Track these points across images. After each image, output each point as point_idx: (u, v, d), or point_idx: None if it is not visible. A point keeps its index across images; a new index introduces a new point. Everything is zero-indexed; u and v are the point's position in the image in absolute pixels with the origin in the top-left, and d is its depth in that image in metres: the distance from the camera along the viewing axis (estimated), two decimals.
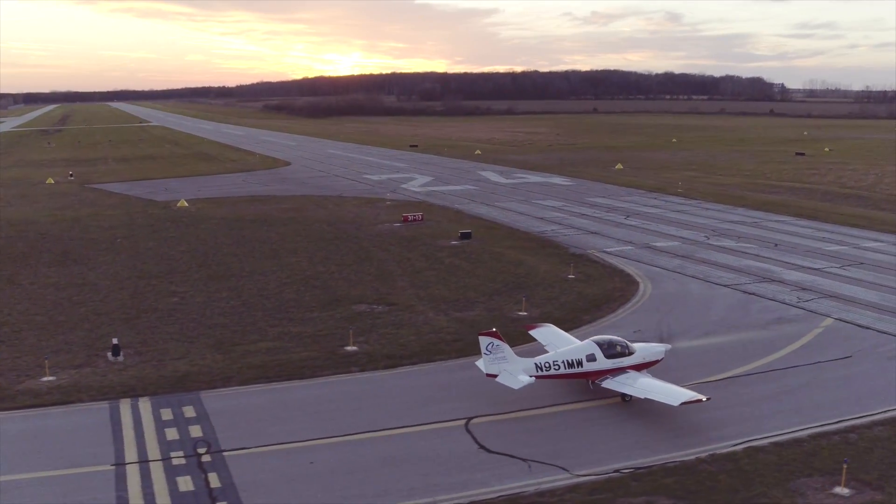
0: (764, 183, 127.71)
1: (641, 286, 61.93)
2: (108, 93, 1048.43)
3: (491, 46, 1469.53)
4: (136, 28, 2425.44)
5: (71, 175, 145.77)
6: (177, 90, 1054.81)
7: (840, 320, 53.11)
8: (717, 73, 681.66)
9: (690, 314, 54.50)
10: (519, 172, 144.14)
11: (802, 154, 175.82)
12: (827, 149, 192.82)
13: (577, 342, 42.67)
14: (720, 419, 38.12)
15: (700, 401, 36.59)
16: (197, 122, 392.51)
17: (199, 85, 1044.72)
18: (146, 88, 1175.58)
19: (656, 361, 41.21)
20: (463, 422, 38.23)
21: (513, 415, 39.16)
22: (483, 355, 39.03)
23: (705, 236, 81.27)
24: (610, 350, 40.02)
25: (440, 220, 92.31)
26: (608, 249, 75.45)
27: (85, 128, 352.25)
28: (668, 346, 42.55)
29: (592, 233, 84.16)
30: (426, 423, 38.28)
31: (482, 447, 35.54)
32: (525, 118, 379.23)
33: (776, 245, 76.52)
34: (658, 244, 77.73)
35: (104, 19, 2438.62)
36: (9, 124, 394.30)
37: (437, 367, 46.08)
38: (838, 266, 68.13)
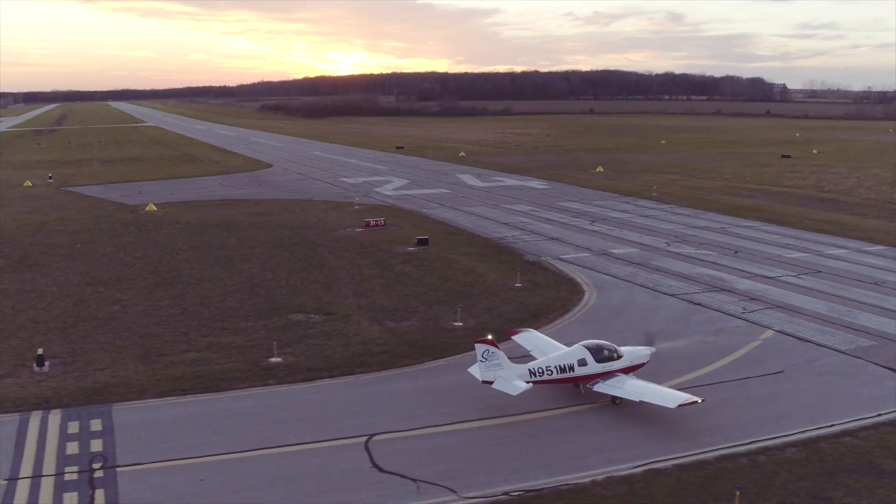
0: (742, 186, 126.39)
1: (586, 296, 60.72)
2: (109, 92, 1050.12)
3: (492, 46, 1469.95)
4: (138, 27, 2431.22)
5: (50, 177, 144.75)
6: (178, 90, 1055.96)
7: (781, 332, 51.84)
8: (719, 74, 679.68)
9: (628, 325, 53.33)
10: (497, 175, 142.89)
11: (788, 157, 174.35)
12: (815, 151, 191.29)
13: (562, 346, 43.09)
14: (629, 438, 37.05)
15: (696, 402, 37.06)
16: (192, 122, 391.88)
17: (201, 84, 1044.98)
18: (147, 88, 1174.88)
19: (642, 364, 41.81)
20: (364, 439, 37.15)
21: (418, 432, 38.06)
22: (479, 363, 39.04)
23: (666, 243, 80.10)
24: (599, 354, 40.44)
25: (404, 225, 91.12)
26: (564, 256, 74.25)
27: (79, 128, 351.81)
28: (654, 349, 43.18)
29: (553, 239, 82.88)
30: (327, 439, 37.33)
31: (375, 466, 34.56)
32: (520, 119, 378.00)
33: (736, 252, 74.99)
34: (616, 251, 76.50)
35: (106, 18, 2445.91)
36: (6, 124, 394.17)
37: (355, 380, 45.12)
38: (794, 274, 66.61)
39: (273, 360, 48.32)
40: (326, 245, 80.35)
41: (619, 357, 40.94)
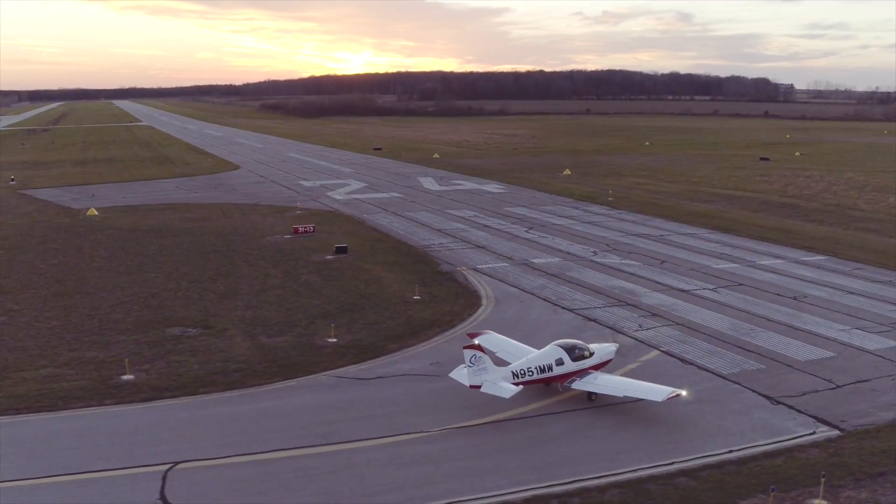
0: (706, 190, 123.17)
1: (480, 310, 58.04)
2: (116, 90, 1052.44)
3: (501, 46, 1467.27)
4: (148, 25, 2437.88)
5: (12, 179, 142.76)
6: (185, 88, 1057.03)
7: (667, 353, 48.73)
8: (727, 74, 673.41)
9: (520, 340, 49.98)
10: (458, 179, 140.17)
11: (767, 159, 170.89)
12: (797, 153, 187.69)
13: (525, 347, 44.56)
14: (444, 474, 34.39)
15: (680, 394, 38.65)
16: (187, 121, 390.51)
17: (209, 83, 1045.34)
18: (155, 86, 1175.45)
19: (609, 361, 43.12)
20: (167, 467, 34.81)
21: (226, 461, 35.68)
22: (466, 367, 39.09)
23: (594, 251, 76.96)
24: (574, 353, 41.44)
25: (335, 231, 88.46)
26: (480, 266, 71.38)
27: (72, 128, 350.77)
28: (618, 345, 45.10)
29: (480, 247, 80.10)
30: (130, 466, 35.01)
31: (162, 498, 32.28)
32: (514, 119, 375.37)
33: (662, 263, 71.89)
34: (538, 260, 73.58)
35: (116, 16, 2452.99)
36: (3, 123, 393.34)
37: (193, 401, 42.77)
38: (713, 287, 63.52)
39: (125, 377, 46.06)
40: (246, 252, 77.78)
41: (591, 355, 42.00)
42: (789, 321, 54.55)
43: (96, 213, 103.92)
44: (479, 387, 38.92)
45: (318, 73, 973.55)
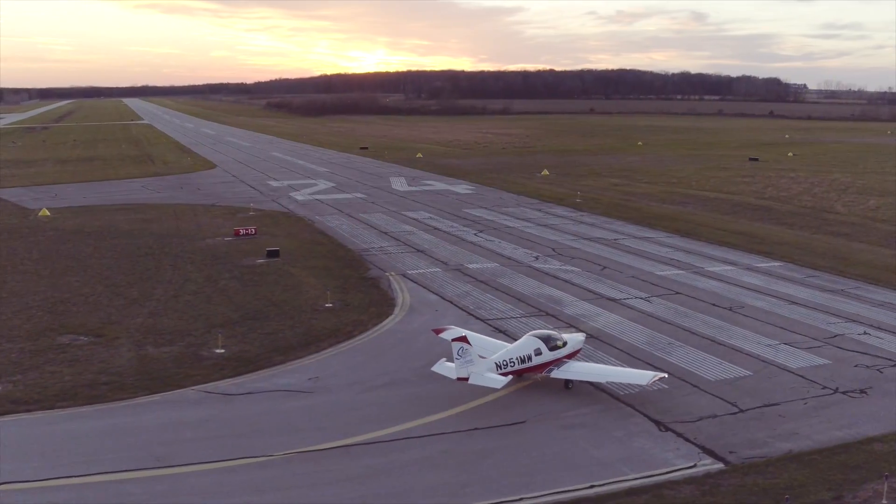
0: (681, 192, 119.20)
1: (389, 319, 54.90)
2: (128, 89, 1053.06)
3: (514, 45, 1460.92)
4: (161, 24, 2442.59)
5: None
6: (197, 86, 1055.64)
7: None
8: (739, 74, 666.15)
9: (399, 357, 47.45)
10: (429, 179, 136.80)
11: (756, 160, 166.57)
12: (790, 154, 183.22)
13: (490, 339, 46.10)
14: None
15: (663, 376, 40.90)
16: (188, 119, 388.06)
17: (222, 81, 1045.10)
18: (167, 84, 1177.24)
19: (579, 350, 44.00)
20: None
21: (45, 483, 32.80)
22: (455, 360, 38.96)
23: (535, 256, 73.10)
24: (550, 343, 42.03)
25: (278, 234, 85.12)
26: (411, 272, 67.95)
27: (73, 125, 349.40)
28: (585, 335, 46.63)
29: (420, 251, 76.65)
30: None
31: None
32: (514, 118, 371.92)
33: (603, 269, 68.04)
34: (473, 266, 70.03)
35: (129, 14, 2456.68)
36: (6, 121, 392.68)
37: (47, 416, 39.66)
38: (646, 297, 59.72)
39: None
40: (179, 255, 74.89)
41: (565, 344, 42.60)
42: (714, 334, 50.71)
43: (48, 213, 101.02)
44: (467, 378, 38.75)
45: (331, 71, 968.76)
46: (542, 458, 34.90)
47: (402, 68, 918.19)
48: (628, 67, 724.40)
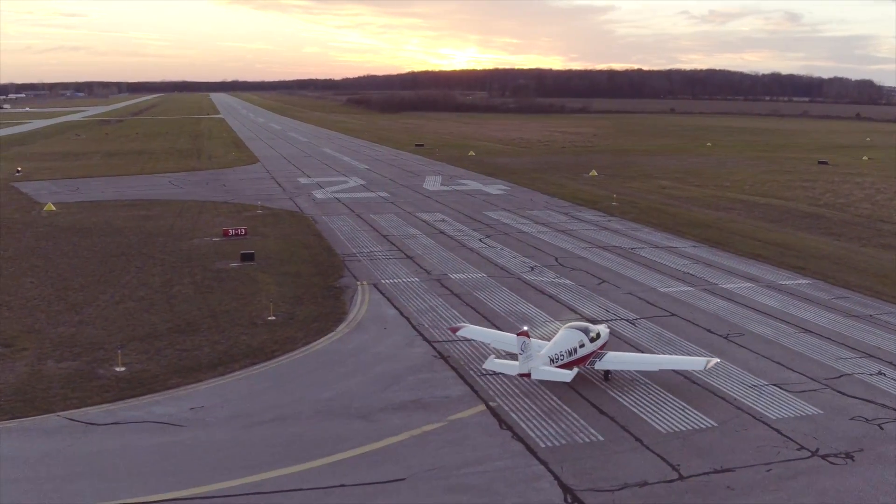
0: (730, 196, 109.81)
1: (324, 338, 48.29)
2: (219, 83, 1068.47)
3: (606, 44, 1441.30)
4: (254, 20, 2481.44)
5: (18, 171, 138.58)
6: (286, 82, 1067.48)
7: (493, 410, 38.04)
8: (834, 75, 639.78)
9: (308, 386, 40.86)
10: (467, 178, 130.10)
11: (825, 162, 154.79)
12: (865, 158, 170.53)
13: (501, 332, 45.31)
14: None
15: (717, 361, 40.91)
16: (262, 114, 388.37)
17: (313, 77, 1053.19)
18: (257, 80, 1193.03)
19: (607, 342, 42.66)
20: None
21: None
22: (519, 356, 37.48)
23: (531, 267, 65.50)
24: (589, 334, 40.87)
25: (271, 235, 79.35)
26: (387, 280, 61.68)
27: (147, 119, 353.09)
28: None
29: (409, 257, 69.80)
30: None
31: None
32: (589, 117, 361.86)
33: (600, 284, 60.38)
34: (457, 276, 63.04)
35: (223, 10, 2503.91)
36: (87, 113, 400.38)
37: None
38: (633, 318, 51.98)
39: None
40: (152, 257, 70.34)
41: (599, 336, 41.60)
42: (690, 371, 41.97)
43: (53, 208, 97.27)
44: (529, 375, 37.25)
45: (423, 68, 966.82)
46: None
47: (491, 66, 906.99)
48: (721, 68, 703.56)
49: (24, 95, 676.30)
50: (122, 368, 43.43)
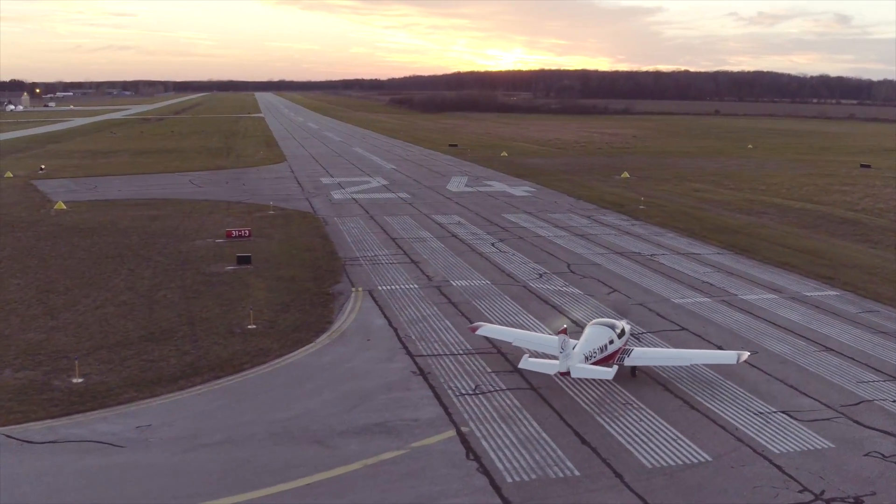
0: (765, 200, 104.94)
1: (300, 350, 45.27)
2: (265, 83, 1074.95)
3: (654, 45, 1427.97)
4: (302, 20, 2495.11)
5: (42, 168, 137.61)
6: (332, 82, 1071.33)
7: (463, 438, 34.51)
8: (884, 78, 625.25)
9: (268, 404, 37.70)
10: (493, 179, 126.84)
11: (868, 166, 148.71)
12: None
13: (523, 331, 45.40)
14: None
15: (749, 354, 40.63)
16: (303, 113, 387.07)
17: (359, 77, 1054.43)
18: (303, 80, 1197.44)
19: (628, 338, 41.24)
20: None
21: None
22: (560, 354, 36.84)
23: (540, 274, 61.56)
24: (616, 330, 40.16)
25: (276, 237, 76.62)
26: (384, 287, 58.87)
27: (188, 117, 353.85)
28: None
29: (414, 262, 66.51)
30: None
31: None
32: (631, 118, 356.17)
33: (609, 293, 56.34)
34: (459, 283, 59.71)
35: (270, 10, 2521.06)
36: (130, 112, 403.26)
37: None
38: (640, 332, 47.56)
39: None
40: (148, 259, 68.40)
41: (624, 332, 40.85)
42: (694, 392, 38.05)
43: (64, 207, 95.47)
44: (568, 373, 36.90)
45: (471, 69, 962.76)
46: None
47: (538, 67, 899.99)
48: (769, 70, 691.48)
49: (70, 94, 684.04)
50: (80, 380, 40.56)
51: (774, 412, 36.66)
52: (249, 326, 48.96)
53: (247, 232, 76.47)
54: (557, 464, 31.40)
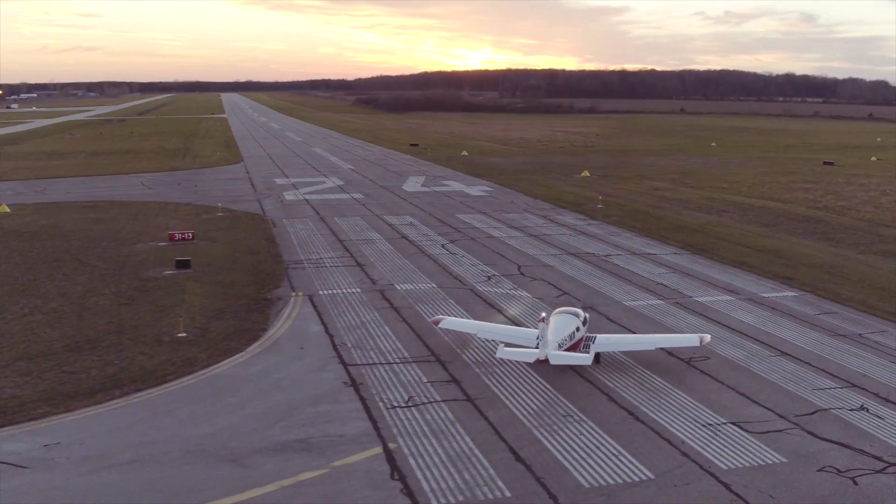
0: (726, 198, 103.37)
1: (228, 360, 42.82)
2: (232, 83, 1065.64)
3: (622, 45, 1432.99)
4: (269, 20, 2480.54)
5: None
6: (300, 82, 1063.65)
7: (390, 455, 32.15)
8: (847, 76, 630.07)
9: (186, 419, 35.17)
10: (451, 179, 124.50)
11: (831, 163, 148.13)
12: (874, 158, 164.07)
13: (485, 323, 45.19)
14: None
15: (708, 337, 41.46)
16: (267, 114, 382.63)
17: (327, 78, 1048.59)
18: (272, 80, 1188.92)
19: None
20: None
21: None
22: (539, 342, 37.84)
23: (488, 277, 59.27)
24: (579, 318, 40.83)
25: (220, 240, 73.77)
26: (325, 291, 56.33)
27: (150, 118, 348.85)
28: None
29: (359, 265, 63.75)
30: None
31: None
32: (595, 117, 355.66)
33: (559, 296, 53.86)
34: (404, 286, 57.40)
35: (237, 10, 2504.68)
36: (92, 113, 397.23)
37: None
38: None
39: None
40: (86, 263, 65.83)
41: (587, 320, 41.58)
42: (639, 402, 35.78)
43: (8, 210, 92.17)
44: (547, 360, 36.79)
45: (438, 69, 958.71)
46: None
47: (505, 67, 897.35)
48: (734, 69, 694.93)
49: (35, 95, 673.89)
50: None
51: (724, 423, 34.59)
52: (179, 335, 46.33)
53: (190, 235, 73.80)
54: (487, 483, 28.95)
